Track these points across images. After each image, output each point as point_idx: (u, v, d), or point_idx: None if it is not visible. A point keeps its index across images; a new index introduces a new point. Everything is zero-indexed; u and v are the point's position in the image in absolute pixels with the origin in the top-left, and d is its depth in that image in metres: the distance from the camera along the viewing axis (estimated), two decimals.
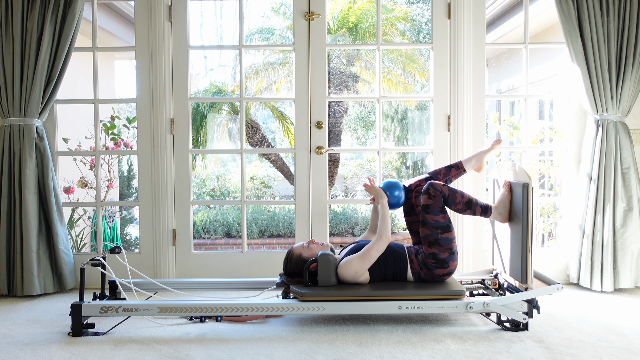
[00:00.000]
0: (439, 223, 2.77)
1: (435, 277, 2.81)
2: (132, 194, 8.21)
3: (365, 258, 2.77)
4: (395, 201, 2.96)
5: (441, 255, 2.77)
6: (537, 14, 5.34)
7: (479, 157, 3.13)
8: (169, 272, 3.68)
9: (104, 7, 5.93)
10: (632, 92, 3.43)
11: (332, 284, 2.76)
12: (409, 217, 3.03)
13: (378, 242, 2.78)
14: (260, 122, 10.92)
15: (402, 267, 2.82)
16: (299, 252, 2.86)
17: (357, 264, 2.76)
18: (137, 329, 2.76)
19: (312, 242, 2.90)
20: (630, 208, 3.40)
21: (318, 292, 2.68)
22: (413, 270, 2.82)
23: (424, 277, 2.82)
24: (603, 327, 2.74)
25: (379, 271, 2.81)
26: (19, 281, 3.42)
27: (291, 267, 2.86)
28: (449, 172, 3.07)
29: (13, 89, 3.43)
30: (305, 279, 2.77)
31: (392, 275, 2.83)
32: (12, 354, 2.44)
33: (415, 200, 3.00)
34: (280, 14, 10.63)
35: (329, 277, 2.76)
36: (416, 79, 10.89)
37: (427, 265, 2.80)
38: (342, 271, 2.77)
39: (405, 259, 2.83)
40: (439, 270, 2.79)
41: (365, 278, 2.80)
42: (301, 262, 2.83)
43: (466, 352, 2.41)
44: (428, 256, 2.79)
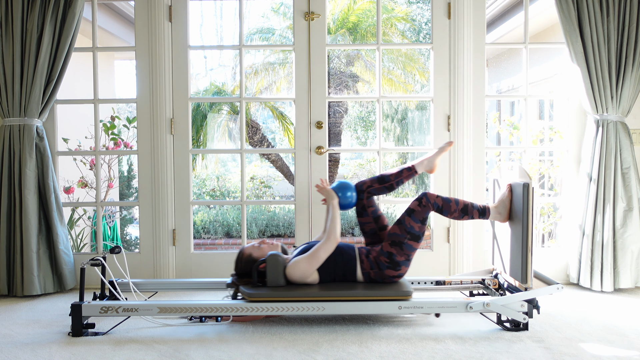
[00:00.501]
0: (413, 230, 2.78)
1: (385, 278, 2.81)
2: (132, 194, 8.21)
3: (313, 259, 2.75)
4: (347, 202, 2.96)
5: (397, 257, 2.78)
6: (537, 14, 5.34)
7: (431, 159, 3.10)
8: (169, 272, 3.68)
9: (104, 7, 5.93)
10: (632, 92, 3.43)
11: (281, 285, 2.75)
12: (361, 218, 3.02)
13: (326, 243, 2.77)
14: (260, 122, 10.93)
15: (351, 267, 2.82)
16: (249, 252, 2.85)
17: (304, 265, 2.75)
18: (137, 329, 2.76)
19: (264, 242, 2.90)
20: (630, 208, 3.40)
21: (264, 293, 2.68)
22: (363, 270, 2.81)
23: (373, 277, 2.81)
24: (603, 327, 2.74)
25: (328, 271, 2.80)
26: (19, 281, 3.42)
27: (241, 267, 2.85)
28: (401, 174, 3.05)
29: (13, 89, 3.43)
30: (254, 279, 2.76)
31: (342, 276, 2.82)
32: (12, 354, 2.44)
33: (367, 201, 3.01)
34: (280, 14, 10.63)
35: (277, 277, 2.75)
36: (416, 79, 10.90)
37: (378, 264, 2.79)
38: (290, 272, 2.76)
39: (354, 259, 2.82)
40: (390, 271, 2.79)
41: (314, 278, 2.79)
42: (251, 262, 2.82)
43: (466, 352, 2.41)
44: (384, 254, 2.79)
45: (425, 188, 11.32)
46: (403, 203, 8.83)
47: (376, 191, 3.03)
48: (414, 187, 11.79)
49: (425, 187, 11.41)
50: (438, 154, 3.11)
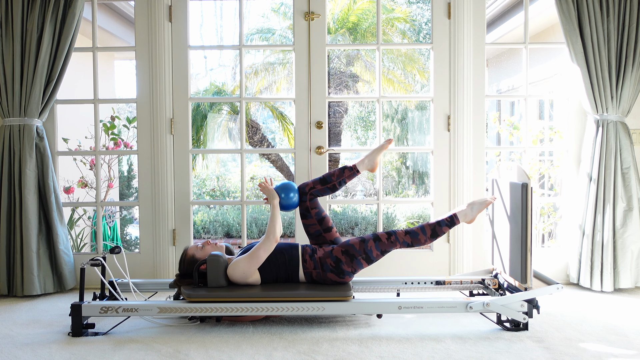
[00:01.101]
0: (370, 254, 2.80)
1: (327, 280, 2.80)
2: (132, 194, 8.21)
3: (253, 258, 2.75)
4: (288, 203, 2.95)
5: (344, 266, 2.78)
6: (537, 14, 5.34)
7: (371, 157, 3.09)
8: (169, 272, 3.68)
9: (104, 7, 5.93)
10: (632, 92, 3.43)
11: (222, 285, 2.75)
12: (305, 219, 3.01)
13: (265, 242, 2.76)
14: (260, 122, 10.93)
15: (294, 267, 2.81)
16: (192, 253, 2.85)
17: (244, 265, 2.74)
18: (137, 329, 2.76)
19: (207, 242, 2.89)
20: (630, 208, 3.40)
21: (202, 294, 2.67)
22: (305, 270, 2.81)
23: (315, 277, 2.81)
24: (603, 327, 2.74)
25: (269, 271, 2.80)
26: (19, 281, 3.42)
27: (184, 267, 2.85)
28: (343, 174, 3.04)
29: (13, 89, 3.43)
30: (195, 280, 2.76)
31: (285, 276, 2.82)
32: (12, 354, 2.44)
33: (310, 203, 3.00)
34: (280, 14, 10.64)
35: (217, 278, 2.74)
36: (416, 79, 10.90)
37: (323, 265, 2.79)
38: (231, 272, 2.76)
39: (297, 259, 2.82)
40: (333, 275, 2.79)
41: (256, 279, 2.78)
42: (193, 263, 2.82)
43: (466, 352, 2.41)
44: (332, 257, 2.79)
45: (425, 188, 11.32)
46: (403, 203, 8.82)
47: (319, 192, 3.02)
48: (413, 187, 11.80)
49: (425, 187, 11.41)
50: (378, 152, 3.10)
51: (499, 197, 3.06)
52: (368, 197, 11.00)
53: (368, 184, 11.27)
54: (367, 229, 8.39)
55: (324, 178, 3.04)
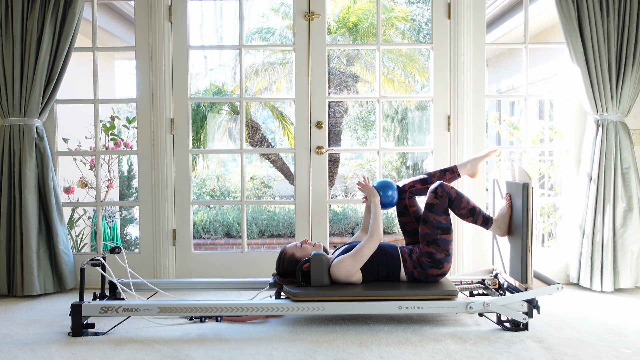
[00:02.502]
0: (441, 224, 2.77)
1: (429, 277, 2.81)
2: (132, 194, 8.21)
3: (357, 257, 2.76)
4: (388, 201, 2.96)
5: (437, 255, 2.78)
6: (537, 14, 5.34)
7: (474, 163, 3.11)
8: (169, 272, 3.68)
9: (104, 7, 5.93)
10: (632, 92, 3.43)
11: (325, 284, 2.76)
12: (402, 217, 3.03)
13: (369, 241, 2.78)
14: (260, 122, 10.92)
15: (395, 266, 2.82)
16: (291, 252, 2.86)
17: (349, 264, 2.76)
18: (137, 329, 2.76)
19: (305, 242, 2.90)
20: (630, 208, 3.40)
21: (310, 292, 2.68)
22: (406, 269, 2.82)
23: (417, 276, 2.82)
24: (603, 327, 2.74)
25: (371, 271, 2.81)
26: (19, 281, 3.42)
27: (284, 267, 2.85)
28: (444, 176, 3.07)
29: (13, 89, 3.43)
30: (298, 279, 2.77)
31: (385, 275, 2.83)
32: (12, 354, 2.44)
33: (409, 201, 3.01)
34: (280, 14, 10.63)
35: (321, 277, 2.75)
36: (416, 79, 10.89)
37: (421, 264, 2.80)
38: (335, 271, 2.77)
39: (398, 259, 2.83)
40: (433, 270, 2.79)
41: (358, 278, 2.79)
42: (294, 262, 2.83)
43: (466, 352, 2.41)
44: (424, 255, 2.79)
45: None
46: None
47: (418, 192, 3.03)
48: None
49: None
50: (481, 159, 3.11)
51: (499, 197, 3.06)
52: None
53: None
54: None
55: (424, 178, 3.05)
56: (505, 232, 2.87)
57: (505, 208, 2.85)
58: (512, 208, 2.82)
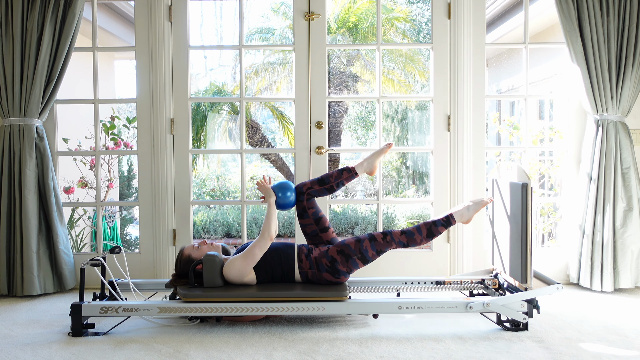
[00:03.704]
0: (366, 254, 2.80)
1: (322, 280, 2.80)
2: (132, 194, 8.21)
3: (248, 257, 2.75)
4: (286, 202, 2.96)
5: (339, 266, 2.78)
6: (537, 14, 5.34)
7: (370, 160, 3.11)
8: (168, 272, 3.68)
9: (104, 7, 5.93)
10: (632, 92, 3.43)
11: (218, 285, 2.75)
12: (302, 219, 3.02)
13: (260, 241, 2.76)
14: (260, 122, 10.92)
15: (289, 267, 2.81)
16: (188, 253, 2.84)
17: (239, 264, 2.74)
18: (137, 329, 2.76)
19: (204, 242, 2.89)
20: (630, 208, 3.40)
21: (198, 294, 2.68)
22: (301, 269, 2.81)
23: (311, 277, 2.81)
24: (603, 327, 2.74)
25: (264, 271, 2.80)
26: (19, 281, 3.42)
27: (181, 267, 2.84)
28: (341, 175, 3.05)
29: (13, 89, 3.43)
30: (191, 280, 2.76)
31: (280, 276, 2.82)
32: (12, 354, 2.44)
33: (307, 203, 3.01)
34: (280, 14, 10.63)
35: (213, 278, 2.74)
36: (416, 79, 10.90)
37: (318, 265, 2.79)
38: (226, 271, 2.76)
39: (293, 259, 2.82)
40: (328, 275, 2.79)
41: (252, 278, 2.78)
42: (189, 263, 2.82)
43: (466, 352, 2.41)
44: (327, 257, 2.79)
45: (425, 188, 11.32)
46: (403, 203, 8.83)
47: (316, 192, 3.03)
48: (413, 187, 11.79)
49: (425, 187, 11.41)
50: (377, 155, 3.11)
51: (498, 196, 3.06)
52: (368, 197, 11.00)
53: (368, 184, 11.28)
54: (367, 229, 8.39)
55: (322, 179, 3.04)
56: (468, 220, 2.88)
57: (482, 202, 2.87)
58: (487, 207, 2.82)
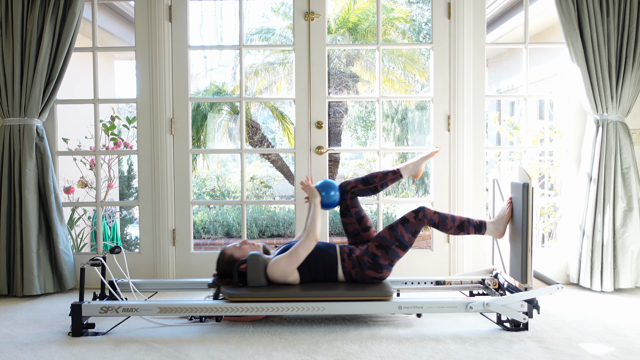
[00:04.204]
0: (402, 239, 2.79)
1: (366, 278, 2.81)
2: (132, 194, 8.21)
3: (293, 257, 2.75)
4: (330, 201, 2.96)
5: (381, 260, 2.78)
6: (537, 14, 5.34)
7: (417, 164, 3.10)
8: (169, 272, 3.68)
9: (104, 7, 5.93)
10: (632, 92, 3.43)
11: (262, 285, 2.75)
12: (345, 218, 3.02)
13: (305, 241, 2.77)
14: (260, 122, 10.92)
15: (332, 266, 2.82)
16: (230, 253, 2.84)
17: (284, 263, 2.75)
18: (137, 329, 2.76)
19: (245, 242, 2.90)
20: (630, 208, 3.40)
21: (244, 293, 2.68)
22: (344, 269, 2.81)
23: (354, 276, 2.81)
24: (603, 327, 2.74)
25: (308, 271, 2.80)
26: (19, 281, 3.42)
27: (223, 267, 2.84)
28: (386, 177, 3.05)
29: (13, 89, 3.43)
30: (235, 280, 2.76)
31: (323, 275, 2.82)
32: (12, 354, 2.44)
33: (351, 202, 3.01)
34: (280, 14, 10.63)
35: (257, 277, 2.75)
36: (416, 78, 10.89)
37: (360, 263, 2.79)
38: (271, 271, 2.76)
39: (335, 258, 2.82)
40: (372, 272, 2.79)
41: (295, 278, 2.79)
42: (232, 263, 2.82)
43: (466, 352, 2.41)
44: (368, 254, 2.79)
45: (425, 189, 11.32)
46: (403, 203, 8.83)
47: (360, 192, 3.03)
48: (413, 187, 11.79)
49: (425, 187, 11.41)
50: (424, 160, 3.11)
51: (499, 196, 3.06)
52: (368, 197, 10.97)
53: None
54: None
55: (366, 179, 3.04)
56: (502, 234, 2.86)
57: (506, 211, 2.84)
58: (512, 212, 2.81)
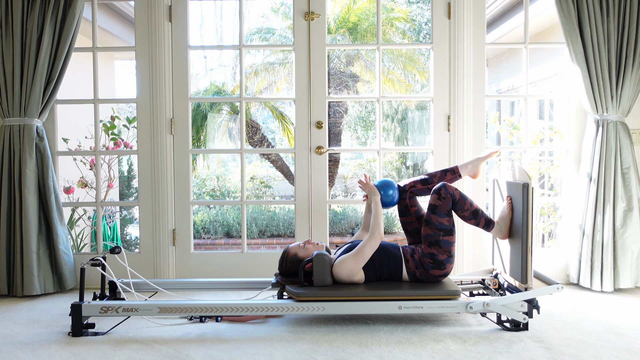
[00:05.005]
0: (443, 225, 2.77)
1: (431, 278, 2.81)
2: (132, 194, 8.21)
3: (359, 256, 2.76)
4: (388, 200, 2.96)
5: (439, 256, 2.78)
6: (537, 14, 5.34)
7: (476, 163, 3.11)
8: (169, 272, 3.68)
9: (104, 7, 5.93)
10: (632, 92, 3.43)
11: (328, 284, 2.76)
12: (404, 217, 3.03)
13: (371, 240, 2.77)
14: (260, 122, 10.92)
15: (397, 266, 2.82)
16: (294, 252, 2.85)
17: (351, 263, 2.76)
18: (137, 329, 2.76)
19: (308, 242, 2.90)
20: (630, 208, 3.40)
21: (313, 292, 2.68)
22: (408, 269, 2.82)
23: (419, 276, 2.82)
24: (603, 327, 2.74)
25: (373, 270, 2.81)
26: (19, 281, 3.42)
27: (287, 267, 2.85)
28: (444, 176, 3.06)
29: (13, 89, 3.43)
30: (301, 279, 2.77)
31: (388, 275, 2.83)
32: (12, 354, 2.44)
33: (410, 201, 3.01)
34: (280, 14, 10.63)
35: (324, 276, 2.75)
36: (416, 79, 10.89)
37: (423, 264, 2.80)
38: (337, 270, 2.77)
39: (400, 259, 2.83)
40: (435, 270, 2.79)
41: (360, 277, 2.79)
42: (296, 262, 2.82)
43: (466, 352, 2.41)
44: (426, 255, 2.79)
45: None
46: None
47: (419, 192, 3.03)
48: None
49: None
50: (482, 160, 3.11)
51: (499, 196, 3.06)
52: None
53: None
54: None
55: (425, 179, 3.05)
56: (505, 235, 2.86)
57: (506, 211, 2.84)
58: (512, 211, 2.82)
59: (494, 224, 2.85)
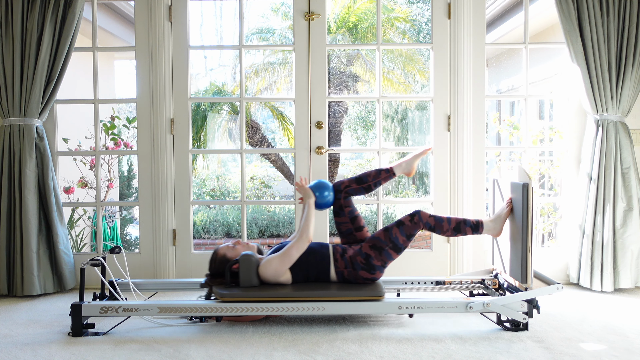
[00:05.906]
0: (397, 241, 2.79)
1: (359, 278, 2.80)
2: (132, 194, 8.21)
3: (285, 257, 2.75)
4: (324, 202, 2.96)
5: (374, 261, 2.78)
6: (537, 14, 5.34)
7: (409, 162, 3.11)
8: (169, 272, 3.68)
9: (104, 7, 5.93)
10: (632, 92, 3.43)
11: (254, 285, 2.75)
12: (338, 217, 3.02)
13: (298, 242, 2.76)
14: (260, 122, 10.92)
15: (324, 266, 2.81)
16: (223, 253, 2.84)
17: (276, 263, 2.75)
18: (137, 329, 2.76)
19: (238, 242, 2.89)
20: (630, 208, 3.40)
21: (236, 293, 2.67)
22: (337, 269, 2.81)
23: (347, 276, 2.81)
24: (603, 327, 2.74)
25: (300, 271, 2.80)
26: (19, 281, 3.42)
27: (215, 267, 2.84)
28: (379, 175, 3.05)
29: (13, 89, 3.43)
30: (227, 280, 2.76)
31: (315, 275, 2.82)
32: (12, 354, 2.44)
33: (344, 201, 3.01)
34: (280, 14, 10.63)
35: (250, 277, 2.74)
36: (416, 78, 10.89)
37: (353, 263, 2.79)
38: (263, 271, 2.76)
39: (328, 259, 2.82)
40: (364, 272, 2.79)
41: (287, 278, 2.78)
42: (225, 263, 2.82)
43: (466, 352, 2.41)
44: (361, 254, 2.79)
45: (425, 189, 11.32)
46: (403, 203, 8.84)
47: (354, 191, 3.02)
48: (413, 187, 11.79)
49: (425, 187, 11.41)
50: (416, 158, 3.12)
51: (499, 196, 3.06)
52: (368, 197, 10.98)
53: None
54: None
55: (360, 178, 3.04)
56: (499, 233, 2.87)
57: (505, 210, 2.84)
58: (512, 212, 2.81)
59: (482, 226, 2.85)
